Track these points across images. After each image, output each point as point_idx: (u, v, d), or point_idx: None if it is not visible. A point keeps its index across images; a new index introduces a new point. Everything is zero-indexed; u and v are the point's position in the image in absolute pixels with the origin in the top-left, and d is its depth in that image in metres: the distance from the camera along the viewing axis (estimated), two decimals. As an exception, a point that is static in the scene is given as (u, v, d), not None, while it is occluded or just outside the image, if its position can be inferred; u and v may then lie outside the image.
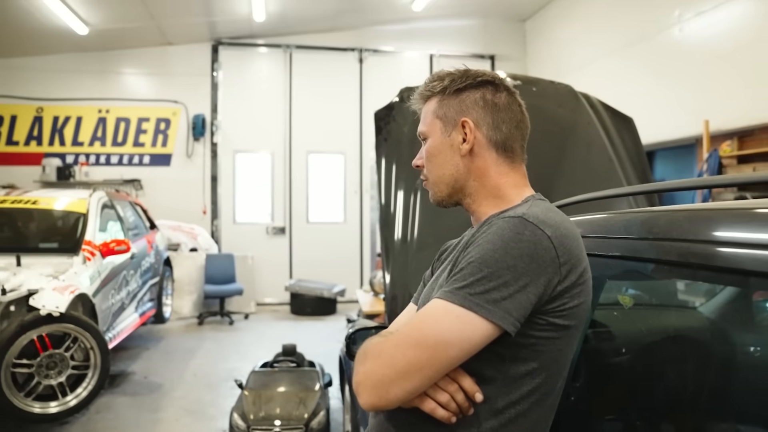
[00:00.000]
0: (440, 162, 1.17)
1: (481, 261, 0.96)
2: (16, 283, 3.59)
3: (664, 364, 1.17)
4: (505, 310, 0.93)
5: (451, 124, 1.16)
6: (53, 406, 3.45)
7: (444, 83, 1.18)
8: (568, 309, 0.99)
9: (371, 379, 0.97)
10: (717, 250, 0.92)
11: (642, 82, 6.76)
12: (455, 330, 0.94)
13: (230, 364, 5.53)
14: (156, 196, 8.36)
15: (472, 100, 1.16)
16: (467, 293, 0.94)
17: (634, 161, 3.52)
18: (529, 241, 0.96)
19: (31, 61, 8.18)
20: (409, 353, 0.95)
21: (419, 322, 0.98)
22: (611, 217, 1.37)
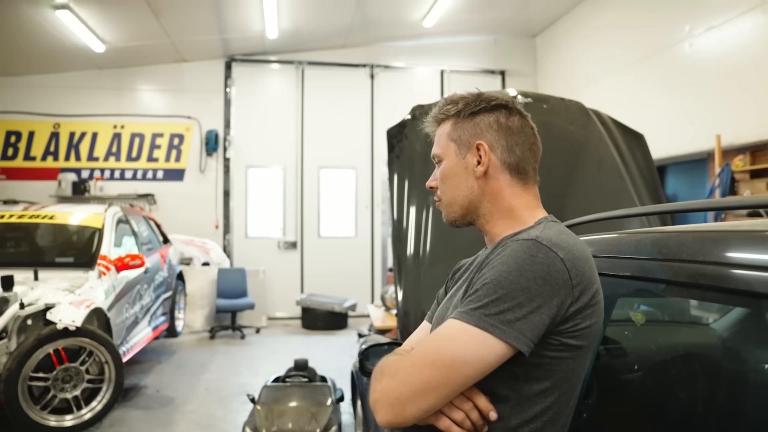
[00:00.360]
0: (455, 183, 1.19)
1: (496, 282, 0.98)
2: (33, 297, 3.64)
3: (673, 382, 1.18)
4: (519, 331, 0.95)
5: (465, 147, 1.18)
6: (68, 420, 3.48)
7: (458, 107, 1.20)
8: (581, 330, 1.01)
9: (388, 397, 0.99)
10: (725, 271, 0.94)
11: (653, 97, 6.77)
12: (470, 350, 0.96)
13: (242, 378, 5.55)
14: (169, 210, 8.46)
15: (487, 123, 1.18)
16: (482, 314, 0.96)
17: (646, 178, 3.52)
18: (542, 263, 0.98)
19: (49, 78, 8.35)
20: (425, 372, 0.97)
21: (435, 341, 1.00)
22: (622, 237, 1.39)
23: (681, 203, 1.41)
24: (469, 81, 9.34)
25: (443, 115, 1.22)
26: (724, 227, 1.11)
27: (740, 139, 5.44)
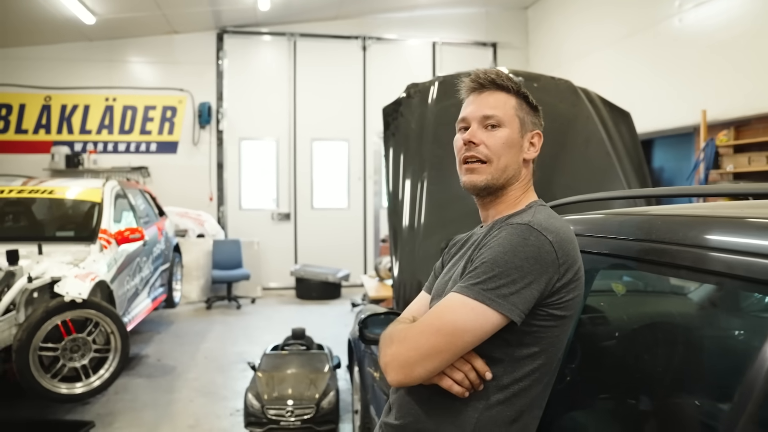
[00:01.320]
0: (512, 155, 1.27)
1: (493, 261, 1.13)
2: (39, 271, 3.75)
3: (647, 347, 1.33)
4: (513, 304, 1.10)
5: (526, 129, 1.30)
6: (78, 387, 3.64)
7: (525, 93, 1.31)
8: (565, 302, 1.16)
9: (398, 360, 1.14)
10: (686, 250, 1.08)
11: (642, 72, 6.87)
12: (470, 320, 1.11)
13: (239, 347, 5.72)
14: (163, 183, 8.51)
15: (539, 122, 1.34)
16: (481, 289, 1.11)
17: (631, 155, 3.66)
18: (534, 245, 1.12)
19: (39, 50, 8.28)
20: (431, 339, 1.12)
21: (439, 312, 1.15)
22: (604, 218, 1.51)
23: (660, 189, 1.54)
24: (460, 53, 9.37)
25: (509, 86, 1.29)
26: (689, 212, 1.25)
27: (725, 115, 5.58)
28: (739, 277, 0.94)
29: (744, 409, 0.87)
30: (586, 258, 1.37)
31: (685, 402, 1.15)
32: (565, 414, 1.40)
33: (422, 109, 3.43)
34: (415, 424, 1.21)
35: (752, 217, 1.05)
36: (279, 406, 3.62)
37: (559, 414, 1.35)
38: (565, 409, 1.39)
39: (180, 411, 4.15)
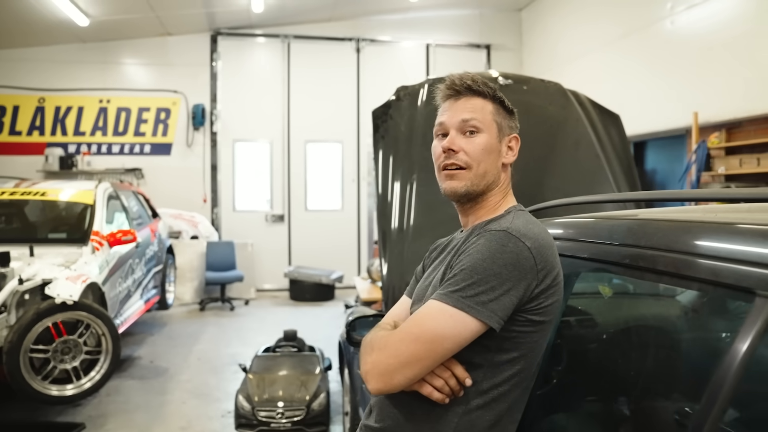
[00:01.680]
0: (490, 160, 1.28)
1: (472, 269, 1.13)
2: (30, 273, 3.75)
3: (631, 349, 1.34)
4: (492, 311, 1.10)
5: (503, 134, 1.30)
6: (69, 389, 3.63)
7: (502, 98, 1.32)
8: (544, 307, 1.17)
9: (378, 368, 1.14)
10: (665, 255, 1.09)
11: (635, 74, 6.91)
12: (449, 327, 1.11)
13: (232, 348, 5.72)
14: (157, 184, 8.51)
15: (516, 126, 1.35)
16: (460, 296, 1.11)
17: (621, 157, 3.68)
18: (512, 252, 1.13)
19: (33, 51, 8.27)
20: (411, 346, 1.12)
21: (419, 320, 1.15)
22: (594, 222, 1.51)
23: (647, 192, 1.55)
24: (454, 55, 9.39)
25: (488, 93, 1.30)
26: (679, 216, 1.25)
27: (717, 117, 5.61)
28: (726, 285, 0.95)
29: (710, 411, 0.89)
30: (575, 262, 1.38)
31: (665, 405, 1.16)
32: (548, 416, 1.41)
33: (412, 111, 3.44)
34: (394, 427, 1.21)
35: (743, 223, 1.05)
36: (269, 407, 3.63)
37: (542, 417, 1.37)
38: (549, 412, 1.40)
39: (172, 413, 4.15)
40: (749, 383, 0.91)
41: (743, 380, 0.86)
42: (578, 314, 1.61)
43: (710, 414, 0.89)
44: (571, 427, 1.39)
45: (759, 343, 0.87)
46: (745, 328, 0.89)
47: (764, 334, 0.86)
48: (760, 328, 0.86)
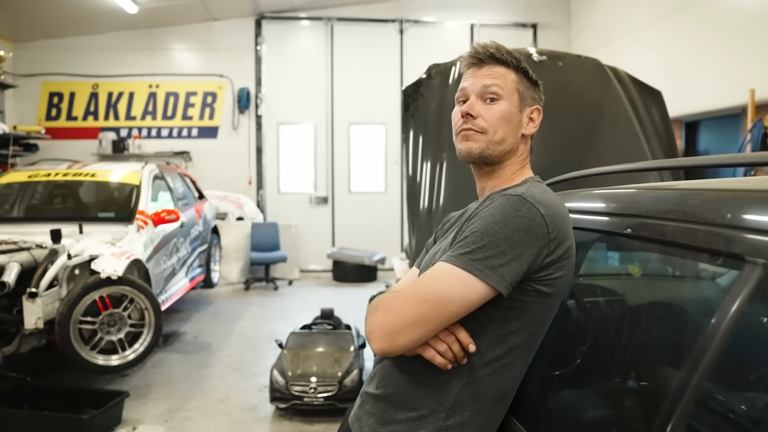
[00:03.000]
0: (509, 128, 1.28)
1: (483, 232, 1.12)
2: (79, 249, 3.94)
3: (662, 330, 1.29)
4: (501, 275, 1.09)
5: (524, 104, 1.30)
6: (114, 359, 3.83)
7: (526, 68, 1.32)
8: (553, 279, 1.16)
9: (382, 328, 1.14)
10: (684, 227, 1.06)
11: (687, 50, 6.60)
12: (457, 290, 1.10)
13: (273, 326, 5.87)
14: (204, 167, 8.75)
15: (540, 98, 1.34)
16: (469, 258, 1.10)
17: (661, 135, 3.55)
18: (525, 217, 1.12)
19: (87, 40, 8.60)
20: (416, 307, 1.12)
21: (426, 281, 1.14)
22: (635, 193, 1.41)
23: (655, 162, 1.50)
24: (499, 35, 9.19)
25: (509, 61, 1.30)
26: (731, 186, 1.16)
27: (774, 94, 5.32)
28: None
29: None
30: (613, 239, 1.31)
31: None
32: (573, 395, 1.36)
33: (443, 89, 3.41)
34: (395, 395, 1.22)
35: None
36: (303, 382, 3.72)
37: (568, 395, 1.34)
38: (576, 392, 1.36)
39: (211, 385, 4.32)
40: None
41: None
42: (609, 294, 1.55)
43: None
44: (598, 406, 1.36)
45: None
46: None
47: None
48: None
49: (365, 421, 1.25)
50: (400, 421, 1.19)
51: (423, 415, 1.18)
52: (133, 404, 3.87)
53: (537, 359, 1.27)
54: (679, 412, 0.88)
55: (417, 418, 1.18)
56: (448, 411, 1.17)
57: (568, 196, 1.58)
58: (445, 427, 1.17)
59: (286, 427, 3.65)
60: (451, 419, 1.17)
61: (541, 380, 1.35)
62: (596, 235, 1.38)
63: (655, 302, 1.23)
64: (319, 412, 3.75)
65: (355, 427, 1.27)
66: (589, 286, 1.44)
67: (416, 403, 1.19)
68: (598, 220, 1.35)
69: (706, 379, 0.88)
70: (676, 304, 1.16)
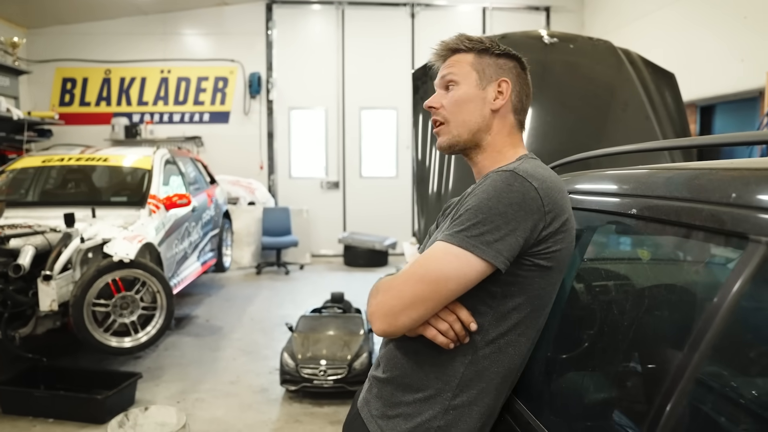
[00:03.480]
0: (470, 109, 1.28)
1: (477, 208, 1.12)
2: (92, 233, 3.99)
3: (667, 315, 1.28)
4: (497, 251, 1.09)
5: (487, 80, 1.29)
6: (127, 341, 3.88)
7: (483, 44, 1.31)
8: (551, 252, 1.15)
9: (382, 309, 1.14)
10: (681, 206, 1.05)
11: (704, 31, 6.48)
12: (454, 267, 1.10)
13: (284, 310, 5.92)
14: (216, 152, 8.78)
15: (509, 67, 1.32)
16: (465, 236, 1.10)
17: (673, 118, 3.51)
18: (518, 191, 1.11)
19: (99, 25, 8.63)
20: (415, 287, 1.12)
21: (423, 260, 1.14)
22: (649, 173, 1.39)
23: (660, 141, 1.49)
24: (511, 19, 9.10)
25: (463, 46, 1.31)
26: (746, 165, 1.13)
27: (791, 76, 5.22)
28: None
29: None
30: (619, 219, 1.29)
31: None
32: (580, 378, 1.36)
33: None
34: (401, 377, 1.23)
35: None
36: (312, 365, 3.75)
37: (570, 377, 1.34)
38: (583, 374, 1.35)
39: (223, 368, 4.37)
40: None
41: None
42: (613, 274, 1.54)
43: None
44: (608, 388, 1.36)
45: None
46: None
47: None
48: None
49: (373, 405, 1.26)
50: (408, 403, 1.20)
51: (430, 395, 1.19)
52: (146, 385, 3.94)
53: (540, 341, 1.27)
54: (678, 392, 0.88)
55: (424, 398, 1.19)
56: (455, 390, 1.18)
57: (575, 178, 1.57)
58: (452, 407, 1.18)
59: (295, 409, 3.69)
60: (458, 398, 1.18)
61: (544, 362, 1.35)
62: (603, 216, 1.37)
63: (659, 283, 1.23)
64: (328, 395, 3.78)
65: (363, 411, 1.29)
66: (594, 268, 1.43)
67: (423, 384, 1.20)
68: (604, 201, 1.34)
69: (707, 359, 0.88)
70: (680, 285, 1.15)
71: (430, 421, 1.18)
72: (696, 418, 0.91)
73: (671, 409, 0.89)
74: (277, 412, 3.66)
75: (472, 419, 1.19)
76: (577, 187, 1.46)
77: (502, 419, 1.28)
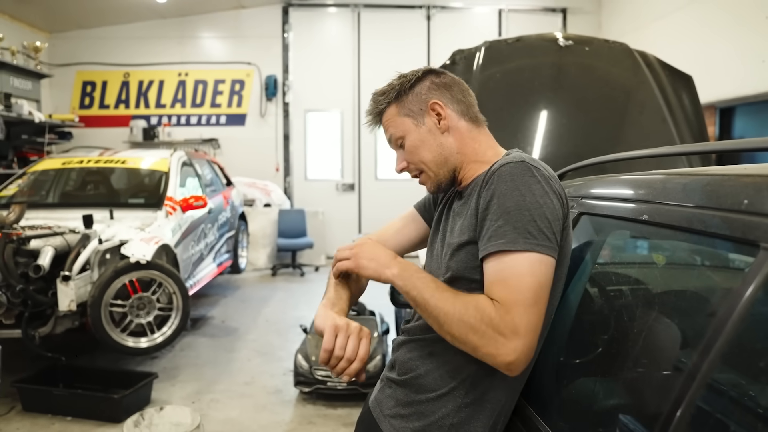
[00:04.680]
0: (429, 148, 1.29)
1: (520, 207, 1.09)
2: (110, 234, 4.05)
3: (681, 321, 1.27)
4: (554, 242, 1.10)
5: (419, 114, 1.30)
6: (143, 342, 3.93)
7: (393, 90, 1.33)
8: (562, 242, 1.16)
9: (526, 354, 1.07)
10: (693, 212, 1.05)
11: (724, 32, 6.39)
12: (544, 273, 1.08)
13: (299, 312, 5.94)
14: (232, 154, 8.86)
15: (426, 87, 1.31)
16: (532, 241, 1.07)
17: (691, 122, 3.46)
18: (541, 181, 1.12)
19: (118, 29, 8.76)
20: (534, 313, 1.07)
21: (522, 280, 1.06)
22: (665, 179, 1.39)
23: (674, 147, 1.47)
24: (528, 21, 9.06)
25: (383, 104, 1.34)
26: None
27: (812, 78, 5.13)
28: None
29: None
30: (631, 224, 1.27)
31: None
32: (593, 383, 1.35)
33: (467, 76, 3.37)
34: (416, 378, 1.24)
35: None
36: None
37: (579, 383, 1.33)
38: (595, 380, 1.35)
39: (238, 369, 4.40)
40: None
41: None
42: (624, 280, 1.53)
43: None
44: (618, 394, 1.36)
45: None
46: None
47: None
48: None
49: (386, 404, 1.28)
50: (421, 402, 1.22)
51: (443, 393, 1.20)
52: (161, 385, 3.98)
53: (550, 346, 1.27)
54: (689, 399, 0.88)
55: (437, 397, 1.20)
56: (468, 388, 1.19)
57: (589, 182, 1.56)
58: (465, 404, 1.19)
59: (309, 410, 3.71)
60: (471, 395, 1.19)
61: (554, 367, 1.34)
62: (614, 221, 1.36)
63: (669, 289, 1.22)
64: (342, 397, 3.80)
65: (376, 411, 1.30)
66: (605, 273, 1.43)
67: (436, 383, 1.21)
68: (615, 206, 1.33)
69: (717, 366, 0.87)
70: (690, 291, 1.14)
71: (444, 418, 1.19)
72: (706, 424, 0.91)
73: (681, 415, 0.88)
74: (291, 413, 3.68)
75: (485, 416, 1.20)
76: (591, 192, 1.45)
77: (512, 423, 1.28)
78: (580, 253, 1.41)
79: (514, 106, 3.15)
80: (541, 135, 3.09)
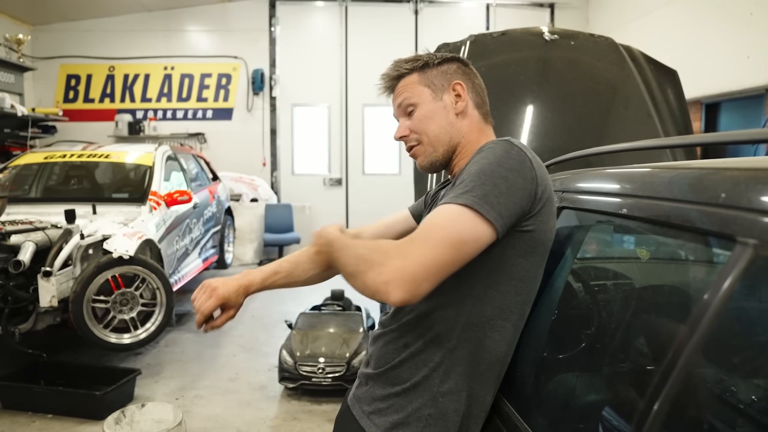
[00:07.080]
0: (437, 122, 1.30)
1: (480, 172, 1.09)
2: (92, 229, 3.99)
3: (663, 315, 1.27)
4: (499, 213, 1.06)
5: (440, 90, 1.31)
6: (126, 338, 3.88)
7: (421, 60, 1.33)
8: (535, 231, 1.15)
9: (404, 277, 1.01)
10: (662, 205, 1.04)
11: (710, 28, 6.43)
12: (469, 229, 1.04)
13: (285, 307, 5.91)
14: (219, 148, 8.80)
15: (453, 68, 1.33)
16: (472, 196, 1.06)
17: (676, 116, 3.47)
18: (516, 159, 1.11)
19: (103, 22, 8.65)
20: (438, 252, 1.02)
21: (438, 222, 1.06)
22: (652, 172, 1.38)
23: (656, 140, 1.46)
24: (516, 16, 9.06)
25: (405, 70, 1.34)
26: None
27: (796, 74, 5.17)
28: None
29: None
30: (611, 219, 1.26)
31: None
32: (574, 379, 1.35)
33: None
34: (391, 370, 1.24)
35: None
36: (311, 363, 3.74)
37: (557, 379, 1.33)
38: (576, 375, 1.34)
39: (223, 365, 4.37)
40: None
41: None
42: (602, 275, 1.53)
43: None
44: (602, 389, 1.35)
45: None
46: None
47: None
48: None
49: (364, 400, 1.27)
50: (398, 394, 1.21)
51: (416, 383, 1.19)
52: (145, 382, 3.94)
53: (528, 341, 1.26)
54: (665, 394, 0.87)
55: (412, 387, 1.19)
56: (442, 377, 1.18)
57: (572, 176, 1.55)
58: (440, 393, 1.18)
59: (294, 406, 3.69)
60: (446, 384, 1.18)
61: (532, 363, 1.33)
62: (594, 215, 1.35)
63: (647, 284, 1.21)
64: (327, 392, 3.78)
65: (355, 408, 1.28)
66: (584, 268, 1.42)
67: (411, 373, 1.20)
68: (595, 200, 1.32)
69: (693, 360, 0.87)
70: (668, 286, 1.13)
71: (421, 409, 1.18)
72: (682, 418, 0.90)
73: (658, 409, 0.88)
74: (276, 409, 3.66)
75: (461, 404, 1.19)
76: (571, 186, 1.44)
77: (490, 421, 1.27)
78: (561, 248, 1.40)
79: (500, 101, 3.13)
80: (527, 129, 3.08)
